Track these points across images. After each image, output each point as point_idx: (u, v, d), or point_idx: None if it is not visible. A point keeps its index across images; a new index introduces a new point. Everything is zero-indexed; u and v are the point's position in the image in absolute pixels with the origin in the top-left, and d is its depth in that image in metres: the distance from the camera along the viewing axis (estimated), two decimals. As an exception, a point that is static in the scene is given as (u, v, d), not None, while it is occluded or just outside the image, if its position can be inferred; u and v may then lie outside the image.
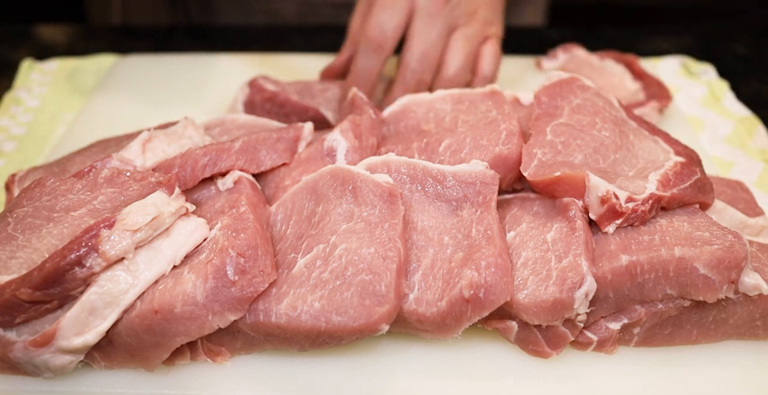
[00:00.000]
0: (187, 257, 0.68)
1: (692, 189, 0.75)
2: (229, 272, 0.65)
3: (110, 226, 0.64)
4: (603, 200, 0.70)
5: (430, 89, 0.94)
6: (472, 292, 0.64)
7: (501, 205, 0.77)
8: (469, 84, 0.97)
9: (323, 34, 1.38)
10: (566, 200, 0.72)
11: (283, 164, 0.82)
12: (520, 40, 1.34)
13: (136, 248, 0.66)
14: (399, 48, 0.96)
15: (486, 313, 0.65)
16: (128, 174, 0.73)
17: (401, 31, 0.92)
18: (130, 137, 0.85)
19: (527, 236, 0.72)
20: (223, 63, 1.21)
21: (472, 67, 0.97)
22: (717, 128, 1.07)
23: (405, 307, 0.67)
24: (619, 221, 0.71)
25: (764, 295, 0.69)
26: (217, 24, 1.46)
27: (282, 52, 1.26)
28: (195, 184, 0.78)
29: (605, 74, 1.11)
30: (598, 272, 0.69)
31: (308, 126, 0.84)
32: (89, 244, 0.63)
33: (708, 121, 1.09)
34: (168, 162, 0.78)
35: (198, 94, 1.13)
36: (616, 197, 0.70)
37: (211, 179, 0.79)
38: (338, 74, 1.02)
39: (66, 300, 0.65)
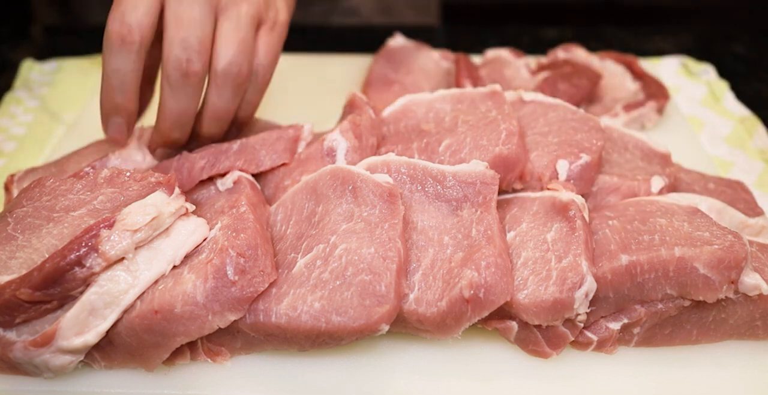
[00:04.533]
0: (187, 257, 0.68)
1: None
2: (229, 273, 0.65)
3: (110, 226, 0.64)
4: None
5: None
6: (472, 292, 0.64)
7: (501, 205, 0.77)
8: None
9: (323, 34, 1.38)
10: (566, 199, 0.72)
11: (283, 164, 0.82)
12: (519, 40, 1.34)
13: (136, 248, 0.66)
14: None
15: (486, 313, 0.65)
16: (128, 174, 0.73)
17: (151, 20, 0.75)
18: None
19: (527, 236, 0.72)
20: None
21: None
22: (717, 128, 1.07)
23: (405, 307, 0.67)
24: None
25: (764, 295, 0.69)
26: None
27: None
28: (192, 186, 0.78)
29: (605, 74, 1.11)
30: (598, 272, 0.69)
31: (308, 126, 0.84)
32: (89, 244, 0.63)
33: (708, 121, 1.09)
34: (165, 165, 0.78)
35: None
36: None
37: (211, 179, 0.79)
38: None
39: (66, 300, 0.65)
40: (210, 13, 0.77)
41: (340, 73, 1.19)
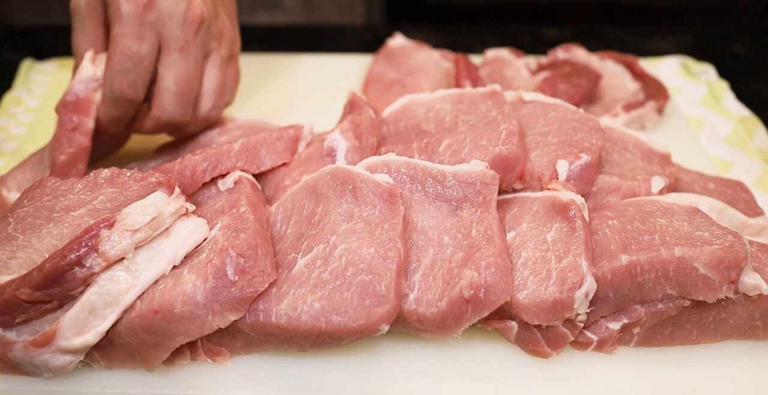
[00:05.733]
0: (187, 257, 0.68)
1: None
2: (229, 273, 0.65)
3: (110, 226, 0.64)
4: None
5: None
6: (472, 292, 0.64)
7: (501, 205, 0.77)
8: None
9: (323, 33, 1.38)
10: (566, 199, 0.73)
11: (283, 164, 0.82)
12: (519, 40, 1.34)
13: (136, 248, 0.66)
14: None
15: (486, 313, 0.65)
16: (128, 174, 0.73)
17: (150, 73, 0.79)
18: None
19: (527, 236, 0.72)
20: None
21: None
22: (717, 128, 1.07)
23: (405, 307, 0.67)
24: None
25: (764, 295, 0.69)
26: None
27: (281, 52, 1.26)
28: (195, 190, 0.78)
29: (605, 74, 1.11)
30: (598, 272, 0.69)
31: (308, 126, 0.84)
32: (89, 244, 0.63)
33: (708, 121, 1.09)
34: (167, 167, 0.78)
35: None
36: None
37: (212, 179, 0.79)
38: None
39: (66, 300, 0.65)
40: (201, 62, 0.82)
41: (340, 73, 1.19)
